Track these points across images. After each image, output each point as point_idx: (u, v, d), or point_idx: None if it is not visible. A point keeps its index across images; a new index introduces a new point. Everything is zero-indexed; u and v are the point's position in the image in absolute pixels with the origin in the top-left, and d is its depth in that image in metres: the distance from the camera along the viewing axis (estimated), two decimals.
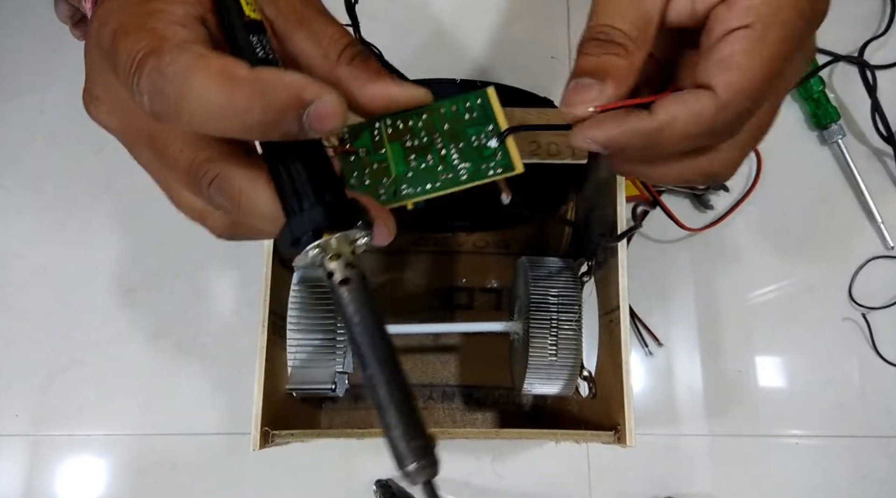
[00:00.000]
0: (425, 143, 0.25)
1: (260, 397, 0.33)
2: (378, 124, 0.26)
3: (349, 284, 0.20)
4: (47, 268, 0.55)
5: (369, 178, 0.25)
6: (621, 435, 0.34)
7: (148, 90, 0.19)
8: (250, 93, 0.18)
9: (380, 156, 0.25)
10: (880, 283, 0.56)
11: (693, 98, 0.22)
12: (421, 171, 0.25)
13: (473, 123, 0.26)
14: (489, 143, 0.25)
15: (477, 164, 0.25)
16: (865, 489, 0.53)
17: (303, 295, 0.40)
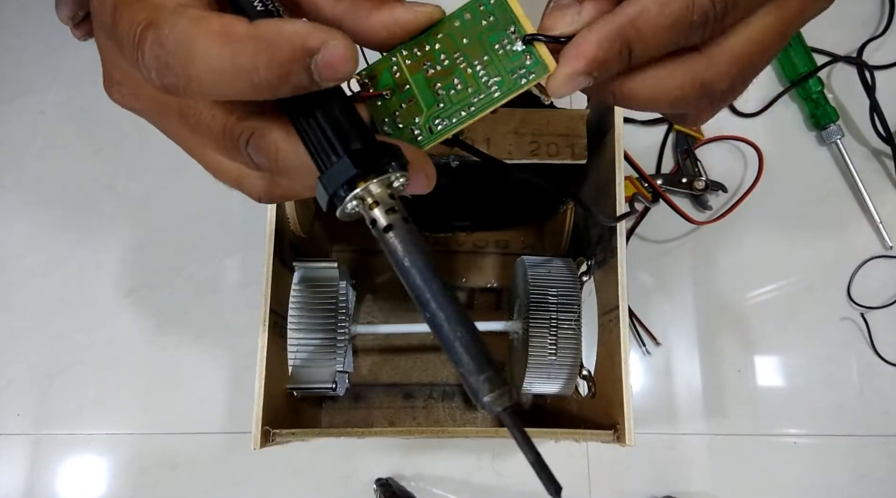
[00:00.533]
0: (448, 65, 0.24)
1: (260, 396, 0.33)
2: (395, 58, 0.24)
3: (393, 230, 0.19)
4: (47, 268, 0.55)
5: (401, 121, 0.24)
6: (620, 434, 0.34)
7: (154, 66, 0.18)
8: (252, 50, 0.17)
9: (406, 94, 0.24)
10: (879, 282, 0.56)
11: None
12: (451, 99, 0.24)
13: (493, 29, 0.24)
14: (515, 48, 0.23)
15: (507, 76, 0.23)
16: (864, 489, 0.53)
17: (303, 294, 0.40)
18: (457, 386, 0.52)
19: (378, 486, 0.50)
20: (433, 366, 0.53)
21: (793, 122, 0.59)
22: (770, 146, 0.57)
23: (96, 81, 0.25)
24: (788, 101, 0.60)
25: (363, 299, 0.53)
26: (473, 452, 0.52)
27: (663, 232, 0.57)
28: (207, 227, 0.56)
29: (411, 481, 0.51)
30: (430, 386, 0.52)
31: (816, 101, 0.58)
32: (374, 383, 0.52)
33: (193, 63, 0.17)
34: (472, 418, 0.52)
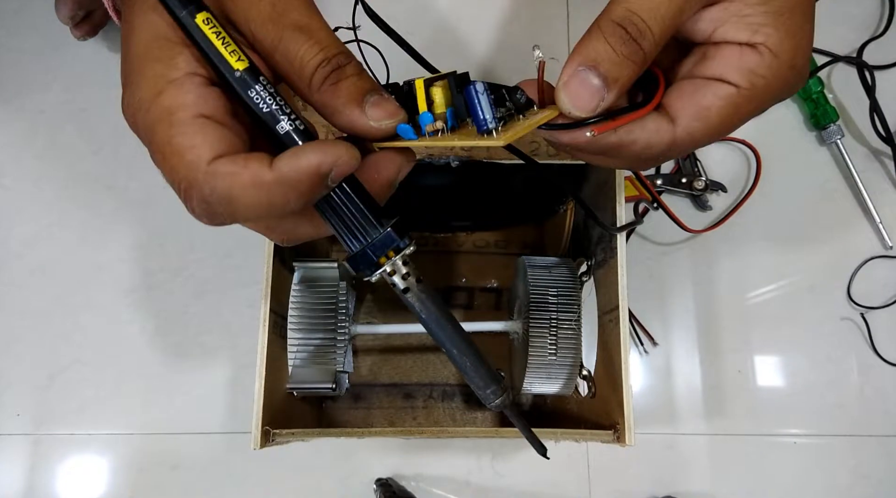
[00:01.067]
0: None
1: (260, 396, 0.33)
2: None
3: (410, 291, 0.25)
4: (47, 268, 0.55)
5: None
6: (620, 434, 0.34)
7: (203, 213, 0.23)
8: (281, 191, 0.21)
9: None
10: (879, 282, 0.56)
11: (655, 127, 0.24)
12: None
13: None
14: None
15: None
16: (864, 488, 0.53)
17: (303, 295, 0.40)
18: (457, 386, 0.52)
19: (378, 486, 0.50)
20: (433, 366, 0.53)
21: (793, 122, 0.59)
22: (770, 146, 0.57)
23: (96, 81, 0.25)
24: (788, 101, 0.60)
25: (363, 299, 0.53)
26: (473, 452, 0.52)
27: (663, 232, 0.57)
28: (207, 228, 0.56)
29: (411, 481, 0.51)
30: (430, 386, 0.52)
31: (816, 101, 0.58)
32: (374, 383, 0.52)
33: (236, 209, 0.22)
34: (472, 418, 0.52)
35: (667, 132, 0.24)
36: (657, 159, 0.26)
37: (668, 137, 0.24)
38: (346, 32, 0.54)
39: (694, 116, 0.24)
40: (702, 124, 0.24)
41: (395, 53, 0.56)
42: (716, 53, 0.24)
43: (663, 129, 0.24)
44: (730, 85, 0.23)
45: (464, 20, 0.61)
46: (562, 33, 0.60)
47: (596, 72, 0.23)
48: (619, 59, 0.23)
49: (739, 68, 0.23)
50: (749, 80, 0.23)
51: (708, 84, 0.24)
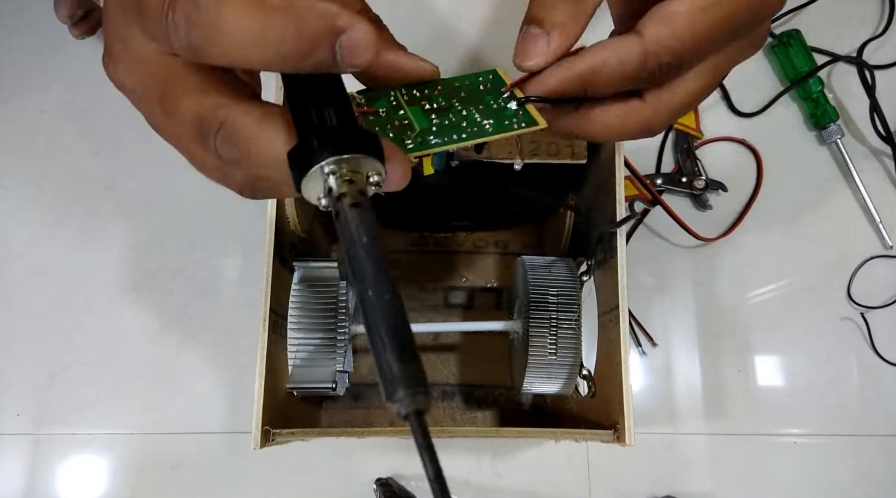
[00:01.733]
0: (444, 106, 0.25)
1: (260, 396, 0.33)
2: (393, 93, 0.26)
3: (359, 207, 0.19)
4: (47, 268, 0.55)
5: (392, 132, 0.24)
6: (620, 434, 0.34)
7: (183, 23, 0.18)
8: (283, 21, 0.18)
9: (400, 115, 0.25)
10: (879, 282, 0.56)
11: (621, 42, 0.23)
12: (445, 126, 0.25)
13: (488, 91, 0.26)
14: (510, 105, 0.25)
15: (500, 120, 0.25)
16: (864, 488, 0.53)
17: (303, 294, 0.40)
18: (457, 386, 0.52)
19: (378, 485, 0.50)
20: (433, 366, 0.53)
21: (793, 122, 0.59)
22: (770, 146, 0.57)
23: (96, 81, 0.25)
24: (788, 100, 0.60)
25: None
26: (473, 452, 0.52)
27: (663, 232, 0.57)
28: (207, 227, 0.56)
29: (411, 481, 0.51)
30: (430, 386, 0.52)
31: (816, 100, 0.58)
32: (374, 383, 0.52)
33: (224, 25, 0.18)
34: (472, 418, 0.52)
35: (635, 43, 0.23)
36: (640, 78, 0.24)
37: (638, 47, 0.23)
38: None
39: (657, 21, 0.23)
40: (668, 27, 0.22)
41: None
42: None
43: (631, 41, 0.23)
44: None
45: (463, 19, 0.61)
46: None
47: (536, 25, 0.24)
48: (552, 9, 0.24)
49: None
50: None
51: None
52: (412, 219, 0.53)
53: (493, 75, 0.26)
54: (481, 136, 0.24)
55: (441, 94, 0.26)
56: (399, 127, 0.24)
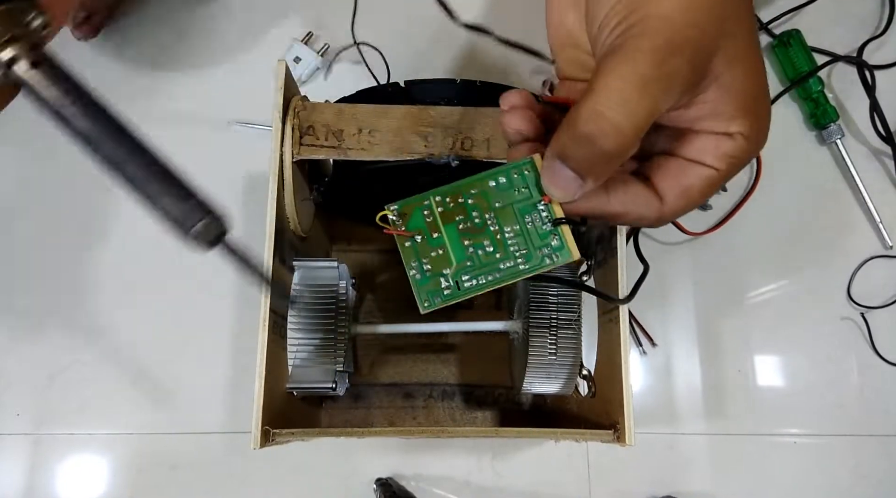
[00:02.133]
0: (479, 224, 0.26)
1: (260, 396, 0.33)
2: (427, 202, 0.26)
3: (43, 65, 0.15)
4: (47, 268, 0.55)
5: (430, 268, 0.26)
6: (620, 434, 0.34)
7: None
8: None
9: (437, 241, 0.26)
10: (879, 282, 0.56)
11: (645, 204, 0.27)
12: (480, 259, 0.26)
13: (525, 200, 0.27)
14: (544, 226, 0.26)
15: (534, 252, 0.26)
16: (864, 488, 0.53)
17: (303, 295, 0.40)
18: (457, 386, 0.52)
19: (378, 485, 0.50)
20: (433, 366, 0.53)
21: (793, 122, 0.59)
22: (770, 146, 0.57)
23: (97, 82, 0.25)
24: (788, 100, 0.60)
25: (363, 299, 0.53)
26: (473, 452, 0.52)
27: (663, 231, 0.57)
28: None
29: (411, 481, 0.51)
30: (430, 386, 0.52)
31: (816, 100, 0.58)
32: (374, 383, 0.52)
33: None
34: (472, 418, 0.52)
35: (656, 209, 0.27)
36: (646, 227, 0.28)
37: (657, 213, 0.27)
38: (346, 36, 0.54)
39: (679, 196, 0.27)
40: (685, 202, 0.27)
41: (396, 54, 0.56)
42: (695, 139, 0.27)
43: (653, 205, 0.27)
44: (710, 168, 0.26)
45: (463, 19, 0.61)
46: None
47: (566, 164, 0.25)
48: (585, 157, 0.24)
49: (717, 154, 0.26)
50: (726, 163, 0.26)
51: (690, 166, 0.27)
52: None
53: (528, 168, 0.27)
54: (515, 276, 0.26)
55: (476, 204, 0.26)
56: (436, 260, 0.26)
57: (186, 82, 0.58)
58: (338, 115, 0.37)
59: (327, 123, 0.36)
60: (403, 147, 0.36)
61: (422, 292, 0.27)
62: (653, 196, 0.27)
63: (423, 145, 0.36)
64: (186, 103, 0.58)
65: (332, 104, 0.38)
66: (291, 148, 0.36)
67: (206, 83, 0.58)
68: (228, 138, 0.57)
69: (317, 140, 0.36)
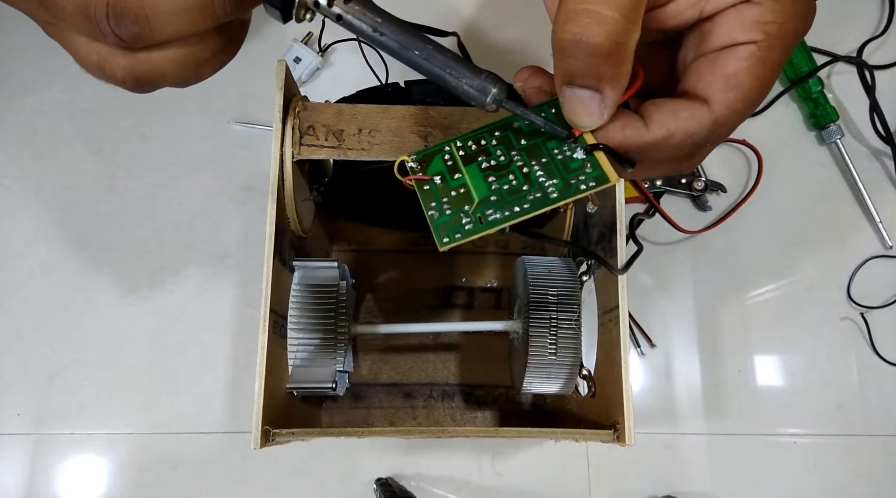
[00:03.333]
0: (503, 162, 0.24)
1: (261, 396, 0.33)
2: (448, 148, 0.24)
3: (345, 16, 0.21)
4: (47, 268, 0.55)
5: (450, 207, 0.23)
6: (620, 434, 0.34)
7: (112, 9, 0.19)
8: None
9: (457, 181, 0.24)
10: (879, 282, 0.56)
11: (689, 114, 0.22)
12: (504, 193, 0.23)
13: (552, 137, 0.24)
14: (575, 155, 0.23)
15: (566, 180, 0.23)
16: (864, 488, 0.53)
17: (303, 294, 0.40)
18: (457, 386, 0.52)
19: (378, 485, 0.50)
20: (433, 366, 0.53)
21: (793, 122, 0.59)
22: (770, 146, 0.57)
23: (96, 82, 0.25)
24: (788, 100, 0.60)
25: (363, 299, 0.53)
26: (473, 452, 0.52)
27: (663, 231, 0.57)
28: (207, 227, 0.56)
29: (411, 481, 0.51)
30: (430, 386, 0.52)
31: (816, 100, 0.58)
32: (374, 383, 0.52)
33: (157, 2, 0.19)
34: (472, 418, 0.52)
35: (705, 114, 0.22)
36: (704, 147, 0.24)
37: (709, 119, 0.22)
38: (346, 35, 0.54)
39: (726, 87, 0.22)
40: (738, 92, 0.22)
41: None
42: (714, 25, 0.22)
43: (699, 112, 0.22)
44: (746, 44, 0.22)
45: (463, 19, 0.61)
46: None
47: (574, 85, 0.22)
48: (583, 64, 0.21)
49: (745, 26, 0.22)
50: (762, 31, 0.22)
51: (724, 54, 0.22)
52: (412, 219, 0.53)
53: (556, 108, 0.24)
54: (545, 204, 0.23)
55: (500, 144, 0.24)
56: (457, 199, 0.23)
57: None
58: (338, 116, 0.37)
59: (327, 123, 0.36)
60: (403, 147, 0.36)
61: (440, 229, 0.23)
62: (695, 103, 0.22)
63: (423, 145, 0.36)
64: (186, 103, 0.58)
65: (332, 104, 0.38)
66: (291, 148, 0.36)
67: (206, 83, 0.58)
68: (228, 138, 0.57)
69: (317, 140, 0.36)
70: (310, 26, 0.58)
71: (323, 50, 0.58)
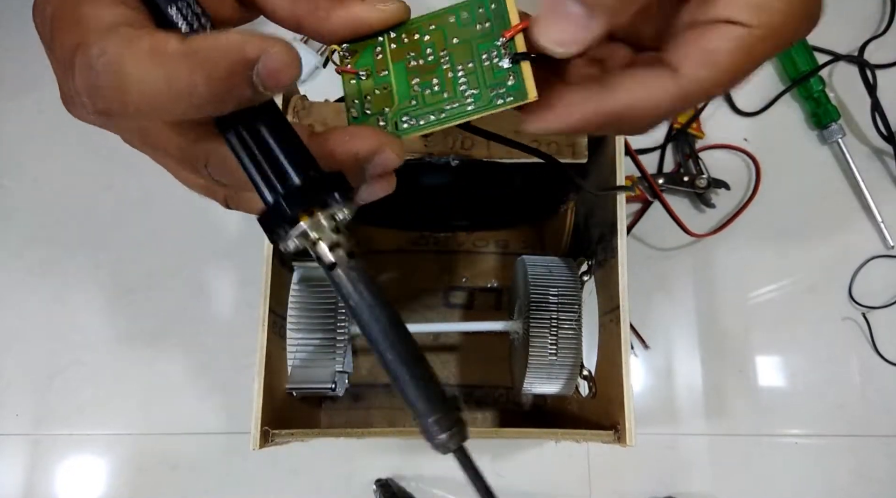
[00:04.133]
0: (431, 62, 0.23)
1: (260, 397, 0.33)
2: (381, 38, 0.23)
3: (338, 268, 0.19)
4: (47, 268, 0.55)
5: (371, 107, 0.23)
6: (621, 434, 0.34)
7: (85, 90, 0.17)
8: (188, 68, 0.16)
9: (382, 79, 0.23)
10: (880, 282, 0.56)
11: (655, 82, 0.21)
12: (424, 99, 0.23)
13: (486, 36, 0.22)
14: (501, 63, 0.22)
15: (485, 92, 0.22)
16: (865, 489, 0.53)
17: (303, 294, 0.40)
18: (456, 386, 0.52)
19: (378, 486, 0.50)
20: (433, 366, 0.52)
21: (794, 122, 0.59)
22: (771, 145, 0.57)
23: None
24: (789, 100, 0.59)
25: None
26: (473, 452, 0.52)
27: (664, 231, 0.56)
28: (207, 227, 0.56)
29: (411, 482, 0.51)
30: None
31: (818, 100, 0.57)
32: (374, 383, 0.52)
33: (126, 87, 0.16)
34: (472, 419, 0.52)
35: (672, 85, 0.21)
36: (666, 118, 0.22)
37: (675, 90, 0.21)
38: None
39: (700, 63, 0.20)
40: (710, 71, 0.20)
41: None
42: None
43: (667, 83, 0.21)
44: (739, 25, 0.20)
45: None
46: None
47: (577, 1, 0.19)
48: None
49: (748, 4, 0.19)
50: (762, 17, 0.20)
51: (713, 28, 0.20)
52: (412, 219, 0.53)
53: (496, 4, 0.22)
54: (460, 116, 0.23)
55: (432, 40, 0.23)
56: (379, 98, 0.23)
57: None
58: (337, 114, 0.36)
59: (327, 122, 0.36)
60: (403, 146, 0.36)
61: None
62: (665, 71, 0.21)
63: (422, 144, 0.36)
64: None
65: (332, 103, 0.37)
66: None
67: None
68: None
69: None
70: None
71: (323, 49, 0.57)
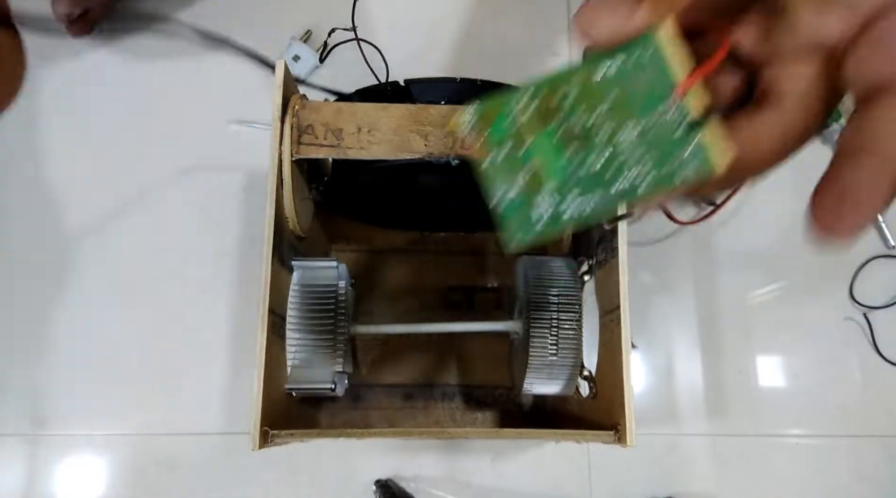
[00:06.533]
0: (586, 129, 0.18)
1: (259, 397, 0.33)
2: (515, 104, 0.19)
3: None
4: (47, 268, 0.55)
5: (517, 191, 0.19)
6: (622, 435, 0.34)
7: None
8: None
9: (525, 154, 0.19)
10: (881, 282, 0.56)
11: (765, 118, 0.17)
12: (582, 180, 0.18)
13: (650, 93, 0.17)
14: (676, 132, 0.17)
15: (659, 166, 0.18)
16: (866, 489, 0.53)
17: (302, 295, 0.39)
18: (457, 386, 0.52)
19: (378, 487, 0.50)
20: (433, 366, 0.52)
21: None
22: None
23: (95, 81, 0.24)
24: None
25: (363, 299, 0.53)
26: (473, 452, 0.52)
27: (664, 232, 0.56)
28: (207, 227, 0.56)
29: (411, 482, 0.51)
30: (430, 386, 0.52)
31: None
32: (374, 384, 0.52)
33: None
34: (472, 419, 0.52)
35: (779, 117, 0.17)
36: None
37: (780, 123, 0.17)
38: (346, 34, 0.54)
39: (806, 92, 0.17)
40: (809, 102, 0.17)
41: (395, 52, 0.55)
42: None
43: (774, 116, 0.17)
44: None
45: (463, 18, 0.61)
46: (562, 29, 0.60)
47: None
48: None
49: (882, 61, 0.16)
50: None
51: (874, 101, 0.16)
52: (412, 219, 0.53)
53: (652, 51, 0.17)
54: (630, 196, 0.18)
55: (577, 105, 0.18)
56: (529, 183, 0.19)
57: (184, 81, 0.58)
58: (337, 114, 0.36)
59: (326, 122, 0.36)
60: (403, 146, 0.36)
61: (510, 225, 0.19)
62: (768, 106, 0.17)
63: (422, 144, 0.36)
64: (185, 102, 0.58)
65: (331, 103, 0.37)
66: (290, 147, 0.36)
67: (206, 82, 0.58)
68: (227, 138, 0.57)
69: (316, 139, 0.36)
70: (309, 24, 0.58)
71: (322, 48, 0.57)
